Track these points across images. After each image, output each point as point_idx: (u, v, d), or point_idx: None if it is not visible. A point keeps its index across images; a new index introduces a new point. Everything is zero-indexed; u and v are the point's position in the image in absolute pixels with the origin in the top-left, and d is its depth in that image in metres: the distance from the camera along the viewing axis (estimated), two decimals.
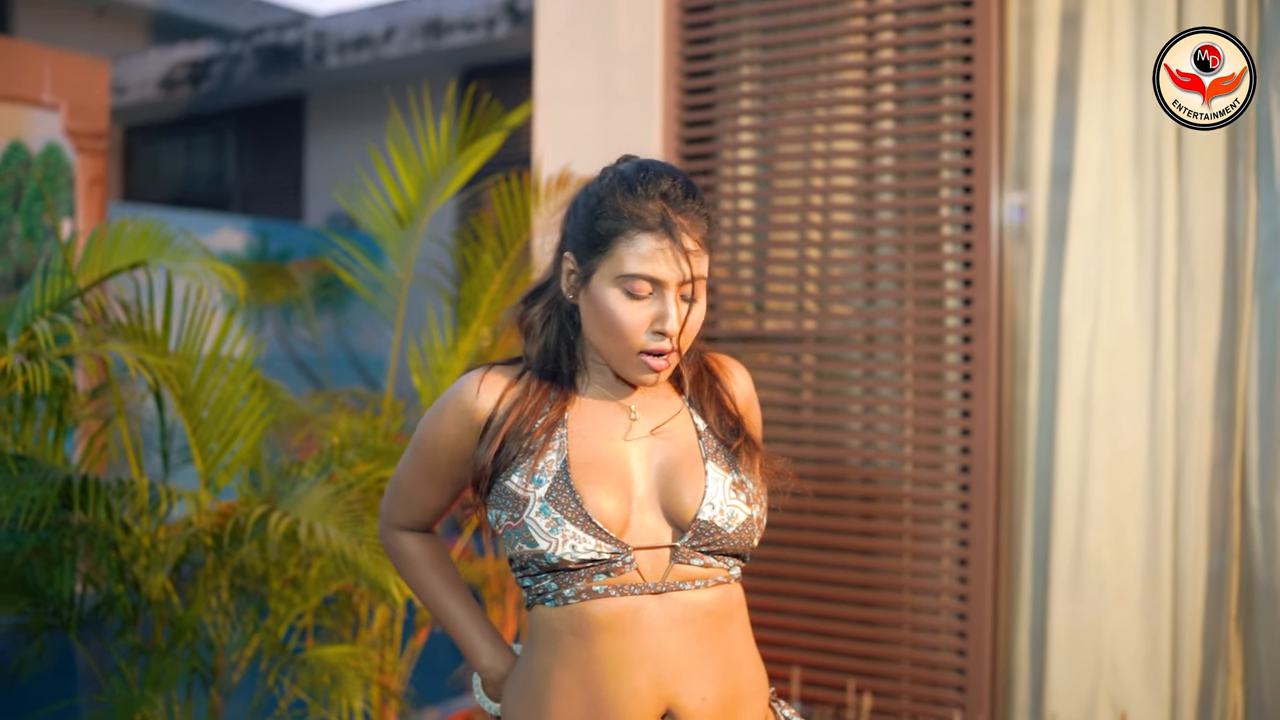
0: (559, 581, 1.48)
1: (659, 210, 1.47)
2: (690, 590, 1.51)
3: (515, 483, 1.50)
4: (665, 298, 1.49)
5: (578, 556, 1.46)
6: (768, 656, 3.63)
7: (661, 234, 1.47)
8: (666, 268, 1.47)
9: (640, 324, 1.49)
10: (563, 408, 1.55)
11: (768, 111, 3.85)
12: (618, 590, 1.47)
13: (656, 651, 1.47)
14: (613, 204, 1.49)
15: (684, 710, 1.48)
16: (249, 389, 2.95)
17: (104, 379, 2.97)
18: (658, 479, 1.53)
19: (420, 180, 3.22)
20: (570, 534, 1.46)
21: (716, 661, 1.51)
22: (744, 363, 3.73)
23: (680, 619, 1.49)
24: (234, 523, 2.70)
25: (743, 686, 1.54)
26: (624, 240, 1.48)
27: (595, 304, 1.51)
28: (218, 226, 7.72)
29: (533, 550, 1.47)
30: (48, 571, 2.88)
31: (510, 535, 1.50)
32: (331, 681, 2.80)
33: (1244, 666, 3.25)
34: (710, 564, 1.52)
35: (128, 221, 2.62)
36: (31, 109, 5.60)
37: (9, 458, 2.62)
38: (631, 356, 1.51)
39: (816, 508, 3.69)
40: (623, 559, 1.48)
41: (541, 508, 1.47)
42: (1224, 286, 3.28)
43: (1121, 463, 3.38)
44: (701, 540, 1.51)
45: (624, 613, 1.47)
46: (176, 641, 2.83)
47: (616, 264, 1.48)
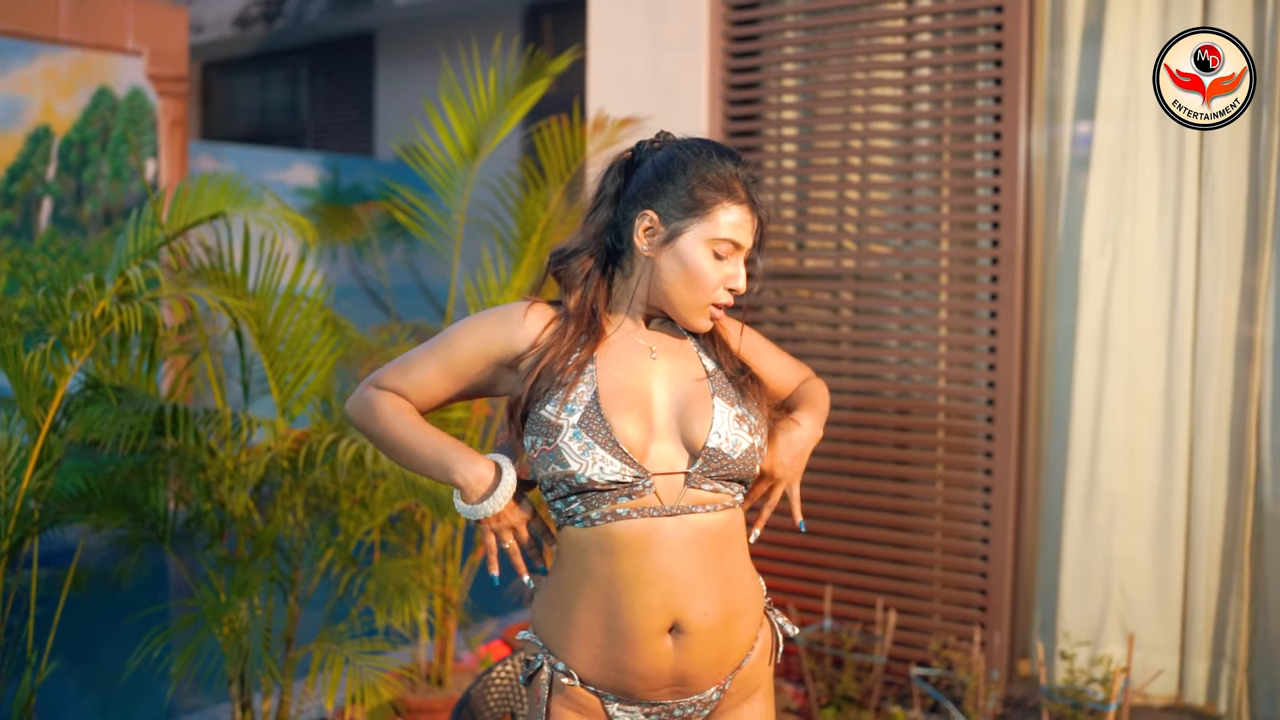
0: (586, 504, 1.69)
1: (743, 186, 1.72)
2: (701, 514, 1.71)
3: (549, 411, 1.70)
4: (738, 261, 1.73)
5: (605, 478, 1.66)
6: (804, 575, 3.90)
7: (748, 208, 1.72)
8: (748, 235, 1.72)
9: (718, 281, 1.72)
10: (592, 349, 1.75)
11: (810, 59, 4.00)
12: (638, 513, 1.68)
13: (669, 571, 1.68)
14: (713, 175, 1.71)
15: (688, 624, 1.69)
16: (320, 325, 3.22)
17: (190, 317, 3.27)
18: (674, 411, 1.74)
19: (472, 128, 3.44)
20: (599, 457, 1.66)
21: (718, 581, 1.72)
22: (785, 299, 3.93)
23: (691, 540, 1.70)
24: (308, 448, 2.99)
25: (739, 603, 1.76)
26: (720, 209, 1.71)
27: (683, 259, 1.72)
28: (292, 162, 8.03)
29: (564, 471, 1.67)
30: (144, 490, 3.20)
31: (545, 458, 1.70)
32: (396, 592, 3.09)
33: (1252, 592, 3.43)
34: (718, 489, 1.73)
35: (208, 176, 2.88)
36: (116, 56, 5.91)
37: (108, 389, 2.93)
38: (703, 307, 1.74)
39: (853, 437, 3.90)
40: (643, 483, 1.68)
41: (574, 433, 1.67)
42: (1246, 228, 3.40)
43: (1137, 398, 3.54)
44: (711, 466, 1.71)
45: (642, 534, 1.68)
46: (258, 554, 3.14)
47: (711, 227, 1.71)
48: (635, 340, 1.78)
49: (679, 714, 1.75)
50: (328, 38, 9.66)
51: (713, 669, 1.73)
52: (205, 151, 7.36)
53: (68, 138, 5.80)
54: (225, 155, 7.57)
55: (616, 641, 1.69)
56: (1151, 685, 3.54)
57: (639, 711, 1.74)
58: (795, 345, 4.06)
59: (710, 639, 1.70)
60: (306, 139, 10.10)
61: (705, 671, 1.72)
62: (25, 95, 5.61)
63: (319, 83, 10.07)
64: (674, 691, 1.73)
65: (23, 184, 5.64)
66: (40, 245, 5.71)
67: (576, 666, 1.73)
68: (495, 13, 8.32)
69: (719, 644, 1.72)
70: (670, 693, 1.73)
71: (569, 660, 1.73)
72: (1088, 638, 3.58)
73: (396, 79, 9.39)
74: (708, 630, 1.70)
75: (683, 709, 1.75)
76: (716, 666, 1.73)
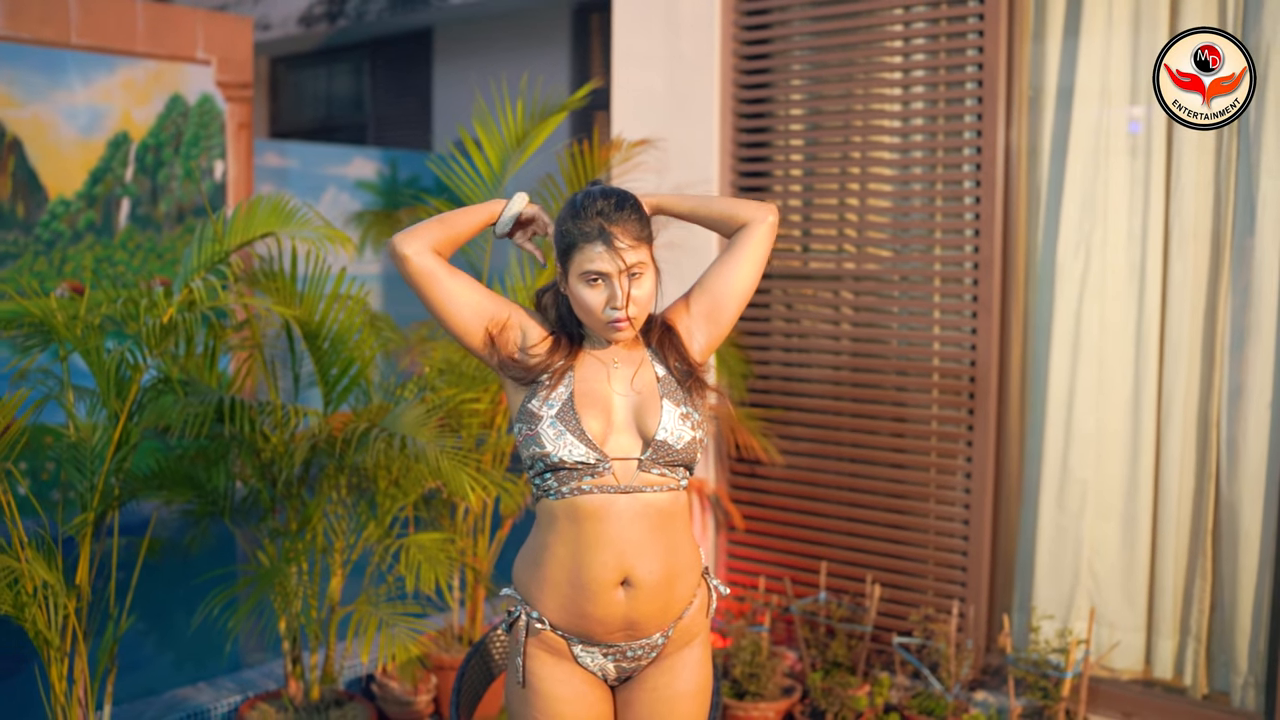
0: (558, 479, 2.10)
1: (597, 225, 2.06)
2: (649, 493, 2.11)
3: (534, 405, 2.12)
4: (612, 284, 2.07)
5: (573, 458, 2.07)
6: (802, 551, 4.27)
7: (599, 242, 2.06)
8: (608, 264, 2.06)
9: (600, 304, 2.08)
10: (571, 361, 2.17)
11: (813, 77, 4.32)
12: (599, 489, 2.08)
13: (622, 536, 2.08)
14: (567, 226, 2.10)
15: (636, 579, 2.09)
16: (361, 325, 3.64)
17: (246, 318, 3.70)
18: (631, 410, 2.14)
19: (501, 150, 3.84)
20: (569, 442, 2.07)
21: (662, 547, 2.12)
22: (790, 297, 4.26)
23: (640, 513, 2.10)
24: (349, 434, 3.41)
25: (679, 565, 2.15)
26: (577, 250, 2.08)
27: (573, 293, 2.12)
28: (352, 157, 8.49)
29: (541, 451, 2.08)
30: (207, 470, 3.65)
31: (528, 441, 2.11)
32: (427, 561, 3.50)
33: (1214, 574, 3.72)
34: (665, 474, 2.12)
35: (262, 197, 3.29)
36: (187, 65, 6.39)
37: (176, 383, 3.37)
38: (601, 326, 2.11)
39: (851, 425, 4.25)
40: (603, 465, 2.09)
41: (551, 422, 2.09)
42: (1210, 236, 3.67)
43: (1107, 394, 3.84)
44: (659, 454, 2.10)
45: (601, 506, 2.08)
46: (305, 527, 3.58)
47: (576, 266, 2.09)
48: (602, 354, 2.18)
49: (630, 655, 2.15)
50: (387, 35, 10.12)
51: (657, 617, 2.13)
52: (270, 149, 7.83)
53: (144, 142, 6.29)
54: (289, 152, 8.04)
55: (579, 592, 2.09)
56: (1121, 661, 3.85)
57: (598, 652, 2.15)
58: (799, 340, 4.41)
59: (655, 592, 2.10)
60: (369, 130, 10.58)
61: (651, 619, 2.12)
62: (107, 104, 6.11)
63: (379, 78, 10.54)
64: (626, 635, 2.13)
65: (104, 186, 6.15)
66: (119, 242, 6.22)
67: (547, 614, 2.14)
68: (546, 11, 8.70)
69: (662, 597, 2.11)
70: (623, 635, 2.13)
71: (541, 609, 2.15)
72: (1059, 614, 3.90)
73: (453, 73, 9.82)
74: (652, 585, 2.10)
75: (634, 650, 2.15)
76: (661, 615, 2.13)
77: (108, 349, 3.23)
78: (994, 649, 4.00)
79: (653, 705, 2.19)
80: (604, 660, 2.16)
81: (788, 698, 3.90)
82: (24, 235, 5.88)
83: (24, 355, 3.29)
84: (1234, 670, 3.64)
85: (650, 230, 2.13)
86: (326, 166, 8.27)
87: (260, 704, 3.71)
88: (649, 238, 2.12)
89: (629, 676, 2.20)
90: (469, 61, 9.62)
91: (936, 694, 3.78)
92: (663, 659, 2.19)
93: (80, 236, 6.08)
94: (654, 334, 2.23)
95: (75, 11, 5.92)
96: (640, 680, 2.19)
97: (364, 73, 10.74)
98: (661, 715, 2.19)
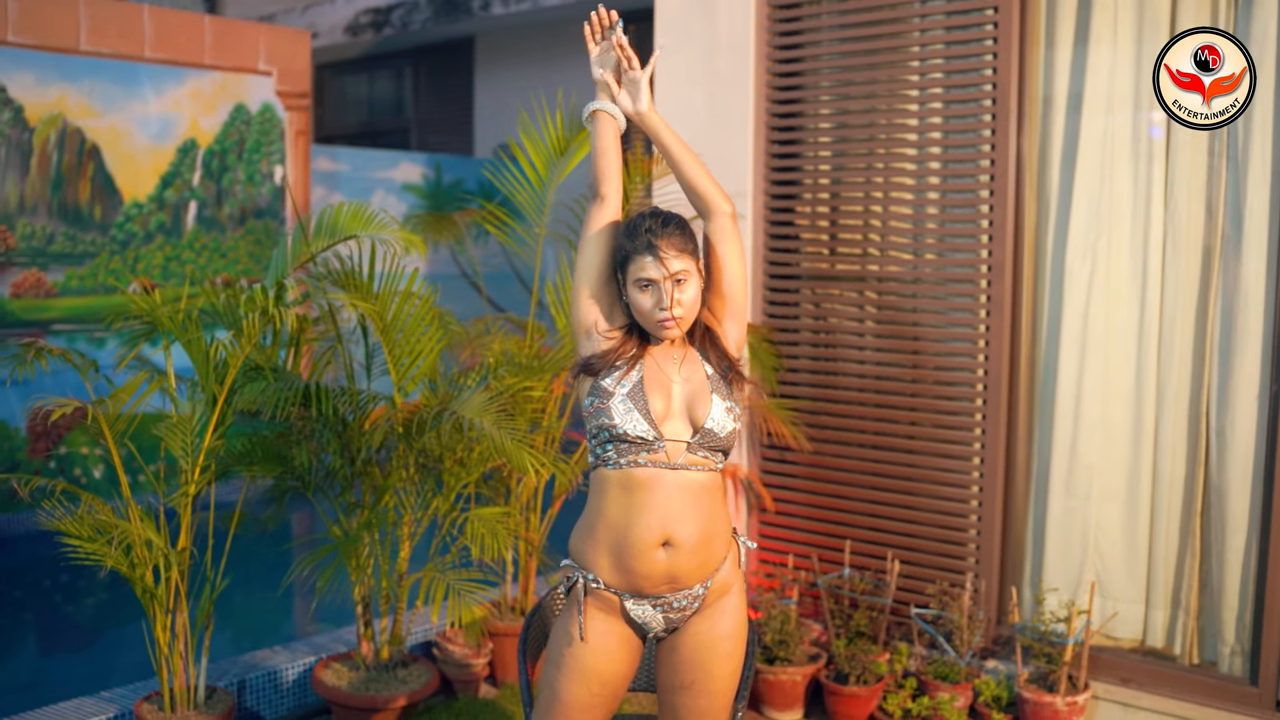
0: (618, 451, 2.46)
1: (646, 240, 2.45)
2: (693, 471, 2.48)
3: (608, 383, 2.48)
4: (660, 289, 2.45)
5: (635, 433, 2.43)
6: (828, 531, 4.64)
7: (647, 254, 2.44)
8: (655, 271, 2.44)
9: (650, 306, 2.47)
10: (641, 353, 2.54)
11: (841, 93, 4.67)
12: (652, 464, 2.45)
13: (666, 504, 2.45)
14: (623, 242, 2.50)
15: (676, 540, 2.45)
16: (428, 319, 4.02)
17: (324, 312, 4.09)
18: (685, 399, 2.51)
19: (546, 160, 4.22)
20: (635, 418, 2.44)
21: (699, 514, 2.48)
22: (819, 297, 4.62)
23: (683, 487, 2.47)
24: (418, 418, 3.79)
25: (712, 529, 2.51)
26: (631, 262, 2.47)
27: (630, 298, 2.50)
28: (399, 161, 8.90)
29: (609, 423, 2.44)
30: (291, 449, 4.05)
31: (597, 413, 2.47)
32: (487, 533, 3.88)
33: (1202, 552, 4.05)
34: (707, 457, 2.50)
35: (343, 205, 3.68)
36: (250, 76, 6.80)
37: (266, 370, 3.76)
38: (653, 325, 2.49)
39: (874, 415, 4.60)
40: (658, 443, 2.45)
41: (622, 399, 2.45)
42: (1202, 244, 3.99)
43: (1111, 387, 4.18)
44: (705, 440, 2.48)
45: (651, 478, 2.45)
46: (378, 501, 3.97)
47: (631, 275, 2.48)
48: (666, 350, 2.55)
49: (677, 605, 2.51)
50: (431, 43, 10.52)
51: (696, 572, 2.49)
52: (323, 154, 8.24)
53: (210, 149, 6.71)
54: (340, 157, 8.45)
55: (626, 550, 2.46)
56: (1120, 631, 4.19)
57: (648, 604, 2.51)
58: (826, 337, 4.77)
59: (692, 551, 2.47)
60: (412, 134, 10.99)
61: (690, 574, 2.48)
62: (176, 113, 6.53)
63: (423, 84, 10.95)
64: (670, 587, 2.49)
65: (173, 190, 6.57)
66: (187, 242, 6.64)
67: (600, 574, 2.50)
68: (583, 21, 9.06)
69: (699, 554, 2.48)
70: (667, 588, 2.49)
71: (595, 570, 2.50)
72: (1067, 588, 4.24)
73: (494, 81, 10.21)
74: (690, 546, 2.46)
75: (679, 600, 2.51)
76: (699, 570, 2.49)
77: (206, 340, 3.62)
78: (1004, 620, 4.34)
79: (695, 647, 2.54)
80: (654, 611, 2.51)
81: (814, 663, 4.25)
82: (101, 235, 6.31)
83: (130, 345, 3.70)
84: (1221, 640, 3.97)
85: (695, 244, 2.50)
86: (374, 170, 8.68)
87: (333, 664, 4.10)
88: (693, 250, 2.49)
89: (675, 628, 2.55)
90: (510, 69, 10.02)
91: (951, 661, 4.13)
92: (704, 608, 2.55)
93: (151, 237, 6.51)
94: (697, 335, 2.60)
95: (150, 27, 6.34)
96: (685, 627, 2.55)
97: (407, 79, 11.16)
98: (703, 652, 2.54)
